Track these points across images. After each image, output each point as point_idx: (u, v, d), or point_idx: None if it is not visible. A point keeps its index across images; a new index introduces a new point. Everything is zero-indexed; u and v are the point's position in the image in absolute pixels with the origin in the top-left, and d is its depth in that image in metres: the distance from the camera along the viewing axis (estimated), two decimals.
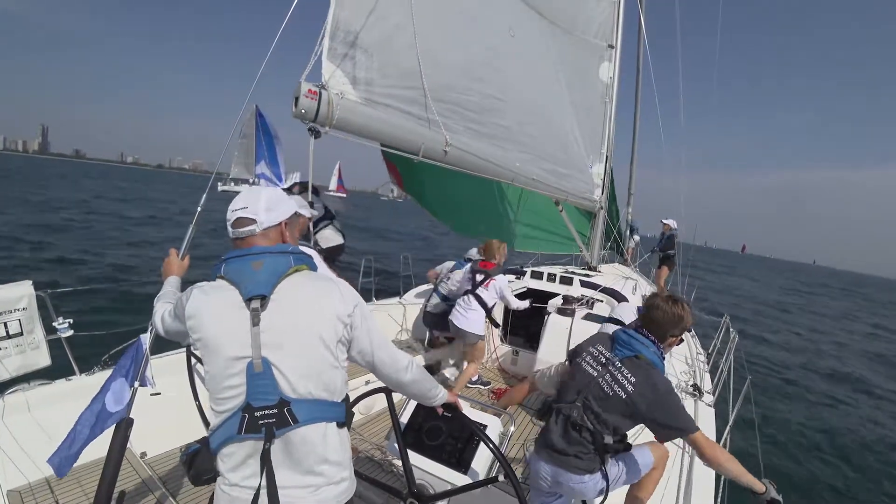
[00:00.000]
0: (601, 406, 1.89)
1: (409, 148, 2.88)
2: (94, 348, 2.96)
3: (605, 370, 1.94)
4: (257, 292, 1.18)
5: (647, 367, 1.89)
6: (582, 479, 1.95)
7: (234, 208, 1.31)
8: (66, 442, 1.74)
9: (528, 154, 4.24)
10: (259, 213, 1.30)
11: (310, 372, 1.20)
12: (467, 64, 3.39)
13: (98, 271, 10.39)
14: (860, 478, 6.33)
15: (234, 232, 1.31)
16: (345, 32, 2.47)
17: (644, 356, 1.90)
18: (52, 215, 19.11)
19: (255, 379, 1.15)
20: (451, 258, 4.94)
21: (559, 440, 1.96)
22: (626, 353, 1.93)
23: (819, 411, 8.70)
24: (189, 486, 2.58)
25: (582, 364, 2.02)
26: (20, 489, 2.25)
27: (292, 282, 1.24)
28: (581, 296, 4.89)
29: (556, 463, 1.96)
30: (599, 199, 5.93)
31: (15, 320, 2.53)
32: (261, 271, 1.21)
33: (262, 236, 1.31)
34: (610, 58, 5.80)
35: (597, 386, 1.93)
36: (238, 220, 1.30)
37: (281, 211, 1.36)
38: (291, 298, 1.22)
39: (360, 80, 2.59)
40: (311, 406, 1.18)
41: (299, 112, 2.27)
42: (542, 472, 2.02)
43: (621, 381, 1.88)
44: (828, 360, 13.64)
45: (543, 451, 2.01)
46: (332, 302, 1.25)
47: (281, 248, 1.30)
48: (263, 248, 1.27)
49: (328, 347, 1.22)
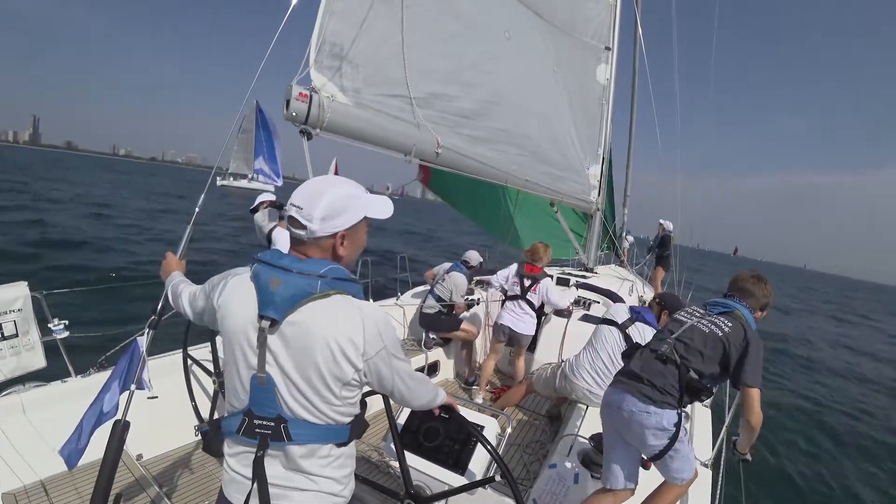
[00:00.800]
0: (696, 342, 2.03)
1: (401, 150, 2.90)
2: (89, 350, 2.94)
3: (703, 317, 2.13)
4: (267, 314, 1.09)
5: (743, 321, 2.05)
6: (647, 409, 1.97)
7: (292, 202, 1.16)
8: (73, 436, 1.78)
9: (523, 156, 4.25)
10: (313, 220, 1.13)
11: (308, 403, 1.13)
12: (458, 70, 3.40)
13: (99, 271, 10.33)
14: (860, 478, 6.37)
15: (288, 225, 1.19)
16: (331, 45, 2.48)
17: (740, 312, 2.08)
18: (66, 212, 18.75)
19: (257, 391, 1.14)
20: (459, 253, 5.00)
21: (637, 367, 2.09)
22: (722, 309, 2.12)
23: (819, 410, 8.75)
24: (185, 487, 2.57)
25: (678, 317, 2.21)
26: (15, 492, 2.24)
27: (314, 309, 1.10)
28: (578, 297, 4.90)
29: (626, 388, 2.06)
30: (596, 201, 5.95)
31: (10, 321, 2.52)
32: (277, 292, 1.09)
33: (312, 245, 1.17)
34: (607, 59, 5.83)
35: (692, 329, 2.09)
36: (291, 218, 1.16)
37: (341, 220, 1.15)
38: (304, 329, 1.10)
39: (348, 88, 2.61)
40: (307, 428, 1.14)
41: (290, 115, 2.29)
42: (606, 396, 2.17)
43: (719, 324, 2.05)
44: (827, 358, 13.74)
45: (619, 382, 2.13)
46: (349, 344, 1.10)
47: (314, 267, 1.12)
48: (294, 263, 1.13)
49: (329, 387, 1.12)
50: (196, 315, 1.40)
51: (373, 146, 2.84)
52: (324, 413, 1.14)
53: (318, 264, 1.13)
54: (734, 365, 1.97)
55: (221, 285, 1.23)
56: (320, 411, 1.14)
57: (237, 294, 1.18)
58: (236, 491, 1.20)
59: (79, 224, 16.20)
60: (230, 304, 1.18)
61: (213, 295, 1.26)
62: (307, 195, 1.15)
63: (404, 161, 2.96)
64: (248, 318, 1.13)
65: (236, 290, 1.19)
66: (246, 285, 1.17)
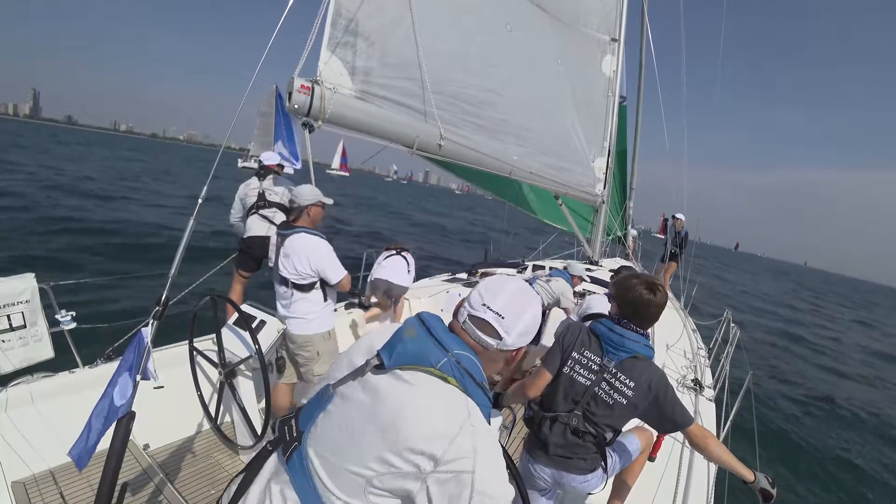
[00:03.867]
0: (602, 413, 1.84)
1: (403, 141, 2.90)
2: (97, 341, 2.97)
3: (600, 378, 1.84)
4: (382, 353, 0.96)
5: (644, 364, 1.82)
6: (585, 479, 1.94)
7: (486, 301, 1.02)
8: (82, 436, 1.79)
9: (526, 147, 4.23)
10: (510, 334, 1.01)
11: (326, 462, 0.92)
12: (465, 58, 3.40)
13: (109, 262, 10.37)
14: (858, 478, 6.36)
15: (470, 325, 1.03)
16: (346, 20, 2.47)
17: (641, 355, 1.83)
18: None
19: (317, 397, 1.03)
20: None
21: (559, 445, 1.91)
22: (623, 355, 1.82)
23: (820, 405, 8.73)
24: (191, 476, 2.60)
25: (571, 375, 1.89)
26: (24, 481, 2.27)
27: (415, 377, 0.93)
28: (583, 289, 4.89)
29: (557, 466, 1.94)
30: (601, 194, 5.91)
31: (18, 313, 2.54)
32: (404, 342, 0.97)
33: (493, 354, 1.03)
34: (613, 51, 5.77)
35: (593, 396, 1.84)
36: (482, 321, 1.01)
37: (528, 338, 1.06)
38: (397, 389, 0.92)
39: (360, 69, 2.59)
40: (303, 479, 0.94)
41: (292, 107, 2.29)
42: (541, 474, 2.01)
43: (620, 388, 1.80)
44: (830, 356, 13.67)
45: (541, 455, 1.97)
46: (429, 434, 0.86)
47: (452, 344, 0.98)
48: (442, 335, 1.00)
49: (365, 463, 0.87)
50: None
51: (376, 138, 2.84)
52: (332, 485, 0.90)
53: (458, 345, 0.99)
54: (650, 417, 1.84)
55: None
56: (332, 481, 0.90)
57: (384, 329, 1.09)
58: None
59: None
60: (374, 334, 1.10)
61: None
62: (513, 304, 1.03)
63: (408, 154, 2.95)
64: (370, 348, 1.02)
65: (386, 328, 1.09)
66: (392, 328, 1.06)
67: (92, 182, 22.02)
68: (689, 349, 4.57)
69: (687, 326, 5.69)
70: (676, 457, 2.73)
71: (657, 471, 2.47)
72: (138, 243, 11.13)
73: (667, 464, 2.62)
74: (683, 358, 4.35)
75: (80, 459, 1.74)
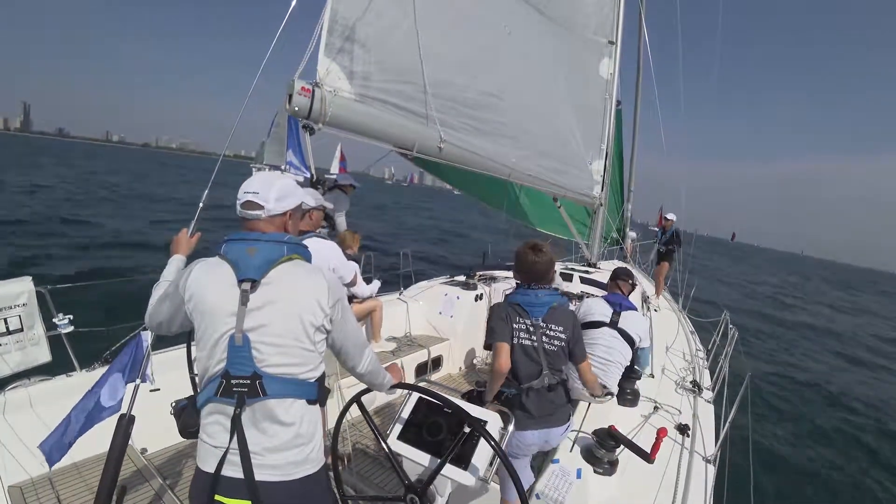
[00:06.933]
0: (555, 360, 2.20)
1: (403, 144, 2.90)
2: (94, 344, 2.96)
3: (540, 333, 2.19)
4: (248, 276, 1.28)
5: (562, 309, 2.24)
6: (566, 426, 2.26)
7: (246, 189, 1.40)
8: (57, 430, 1.75)
9: (524, 150, 4.24)
10: (269, 201, 1.39)
11: (285, 352, 1.29)
12: (463, 61, 3.41)
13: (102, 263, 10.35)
14: (858, 478, 6.37)
15: (242, 212, 1.41)
16: (343, 27, 2.48)
17: (556, 303, 2.22)
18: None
19: (234, 350, 1.27)
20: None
21: (540, 407, 2.17)
22: (543, 309, 2.20)
23: (819, 406, 8.75)
24: (189, 481, 2.59)
25: (520, 343, 2.19)
26: (21, 485, 2.26)
27: (284, 269, 1.33)
28: (581, 292, 4.89)
29: (543, 425, 2.18)
30: (599, 196, 5.92)
31: (15, 316, 2.54)
32: (254, 257, 1.31)
33: (267, 222, 1.41)
34: (610, 54, 5.78)
35: (544, 350, 2.19)
36: (248, 202, 1.39)
37: (289, 202, 1.45)
38: (280, 284, 1.31)
39: (357, 74, 2.60)
40: (280, 382, 1.28)
41: (293, 109, 2.30)
42: (528, 441, 2.20)
43: (555, 335, 2.20)
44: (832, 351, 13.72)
45: (529, 422, 2.17)
46: (318, 292, 1.35)
47: (277, 236, 1.38)
48: (260, 235, 1.37)
49: (306, 332, 1.32)
50: (155, 321, 1.49)
51: (376, 141, 2.84)
52: (298, 360, 1.31)
53: (278, 235, 1.39)
54: (573, 344, 2.25)
55: (185, 275, 1.38)
56: (296, 358, 1.30)
57: (208, 274, 1.34)
58: (213, 458, 1.26)
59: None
60: (202, 283, 1.33)
61: (177, 287, 1.39)
62: (261, 183, 1.41)
63: (409, 157, 2.96)
64: (226, 288, 1.29)
65: (206, 272, 1.34)
66: (215, 265, 1.34)
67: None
68: (687, 351, 4.58)
69: (685, 328, 5.70)
70: (676, 457, 2.74)
71: (657, 471, 2.47)
72: (138, 244, 11.13)
73: (667, 464, 2.62)
74: (682, 360, 4.36)
75: (52, 455, 1.71)
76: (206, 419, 1.31)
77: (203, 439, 1.31)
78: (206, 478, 1.27)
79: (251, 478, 1.22)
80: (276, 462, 1.26)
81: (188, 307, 1.34)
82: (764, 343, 13.99)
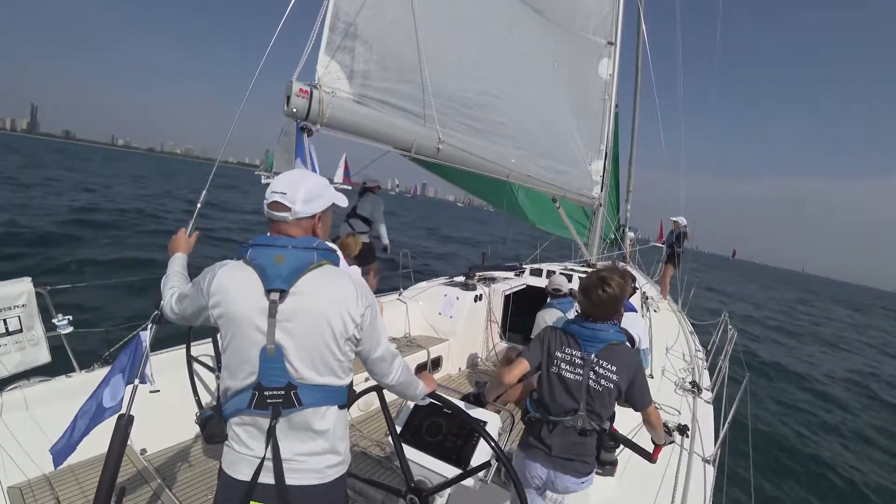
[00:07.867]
0: (599, 403, 1.94)
1: (401, 145, 2.90)
2: (93, 345, 2.96)
3: (588, 370, 1.95)
4: (277, 286, 1.23)
5: (621, 349, 1.99)
6: (581, 481, 2.01)
7: (274, 189, 1.33)
8: (65, 434, 1.76)
9: (524, 151, 4.25)
10: (296, 202, 1.32)
11: (316, 362, 1.27)
12: (462, 61, 3.41)
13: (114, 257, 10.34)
14: (856, 479, 6.37)
15: (269, 213, 1.34)
16: (345, 24, 2.48)
17: (615, 341, 1.98)
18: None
19: (267, 362, 1.24)
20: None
21: (562, 447, 1.97)
22: (599, 345, 1.96)
23: (817, 410, 8.74)
24: (188, 481, 2.59)
25: (560, 373, 2.00)
26: (20, 486, 2.26)
27: (312, 277, 1.28)
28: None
29: (556, 467, 1.99)
30: (598, 197, 5.92)
31: (14, 317, 2.53)
32: (283, 266, 1.25)
33: (294, 224, 1.34)
34: (609, 54, 5.79)
35: (587, 389, 1.95)
36: (275, 202, 1.33)
37: (318, 204, 1.37)
38: (309, 293, 1.26)
39: (358, 72, 2.60)
40: (315, 391, 1.28)
41: (290, 111, 2.30)
42: (535, 472, 2.05)
43: (605, 375, 1.94)
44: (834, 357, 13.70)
45: (541, 455, 2.02)
46: (348, 301, 1.30)
47: (306, 242, 1.31)
48: (288, 241, 1.30)
49: (337, 342, 1.28)
50: (178, 315, 1.46)
51: (373, 142, 2.84)
52: (330, 370, 1.29)
53: (307, 241, 1.32)
54: (629, 395, 1.97)
55: (209, 277, 1.32)
56: (328, 368, 1.29)
57: (234, 280, 1.28)
58: (246, 466, 1.27)
59: None
60: (228, 290, 1.27)
61: (201, 290, 1.34)
62: (289, 183, 1.34)
63: (406, 159, 2.96)
64: (253, 297, 1.24)
65: (232, 277, 1.29)
66: (240, 270, 1.29)
67: None
68: (687, 351, 4.58)
69: (685, 328, 5.70)
70: (676, 457, 2.74)
71: (657, 471, 2.47)
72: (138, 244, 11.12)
73: (666, 464, 2.62)
74: (682, 360, 4.36)
75: (58, 458, 1.73)
76: (236, 428, 1.30)
77: (233, 447, 1.31)
78: (238, 485, 1.27)
79: (282, 486, 1.24)
80: (314, 466, 1.29)
81: (213, 313, 1.30)
82: (765, 346, 13.99)
